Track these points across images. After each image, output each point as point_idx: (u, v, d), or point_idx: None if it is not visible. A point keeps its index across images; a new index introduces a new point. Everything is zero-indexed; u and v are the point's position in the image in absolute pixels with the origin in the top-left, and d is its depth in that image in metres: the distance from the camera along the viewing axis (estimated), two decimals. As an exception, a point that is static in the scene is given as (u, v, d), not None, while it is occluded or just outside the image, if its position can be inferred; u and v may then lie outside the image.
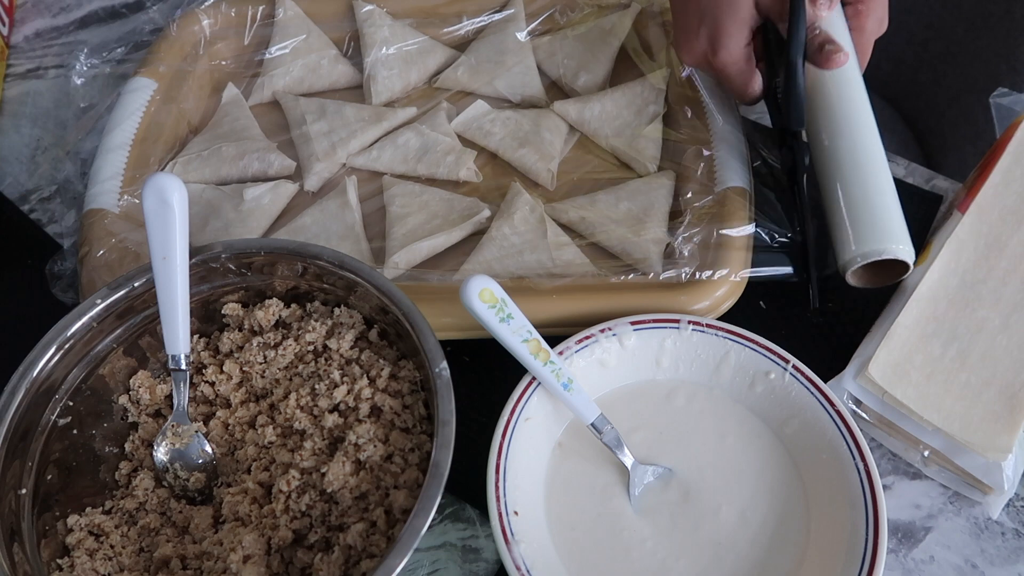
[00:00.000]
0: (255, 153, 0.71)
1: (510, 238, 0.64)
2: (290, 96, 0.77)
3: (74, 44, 0.88)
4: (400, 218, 0.67)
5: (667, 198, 0.67)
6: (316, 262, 0.55)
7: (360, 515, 0.50)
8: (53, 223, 0.73)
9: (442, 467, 0.46)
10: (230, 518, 0.52)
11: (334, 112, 0.74)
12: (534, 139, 0.72)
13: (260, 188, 0.68)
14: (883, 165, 0.60)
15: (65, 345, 0.52)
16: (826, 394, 0.55)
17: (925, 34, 1.02)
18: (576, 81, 0.77)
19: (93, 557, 0.51)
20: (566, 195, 0.70)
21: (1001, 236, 0.62)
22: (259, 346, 0.57)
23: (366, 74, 0.78)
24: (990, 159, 0.66)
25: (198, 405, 0.57)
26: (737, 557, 0.52)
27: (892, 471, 0.58)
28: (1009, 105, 0.68)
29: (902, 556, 0.55)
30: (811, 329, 0.63)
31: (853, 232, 0.58)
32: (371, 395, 0.54)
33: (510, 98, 0.77)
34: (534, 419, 0.54)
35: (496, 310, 0.51)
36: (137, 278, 0.54)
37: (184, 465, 0.54)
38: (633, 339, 0.58)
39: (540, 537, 0.52)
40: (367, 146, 0.73)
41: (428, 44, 0.80)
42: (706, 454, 0.56)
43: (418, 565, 0.55)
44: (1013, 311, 0.59)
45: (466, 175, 0.71)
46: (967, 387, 0.56)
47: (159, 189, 0.51)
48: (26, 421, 0.50)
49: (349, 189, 0.69)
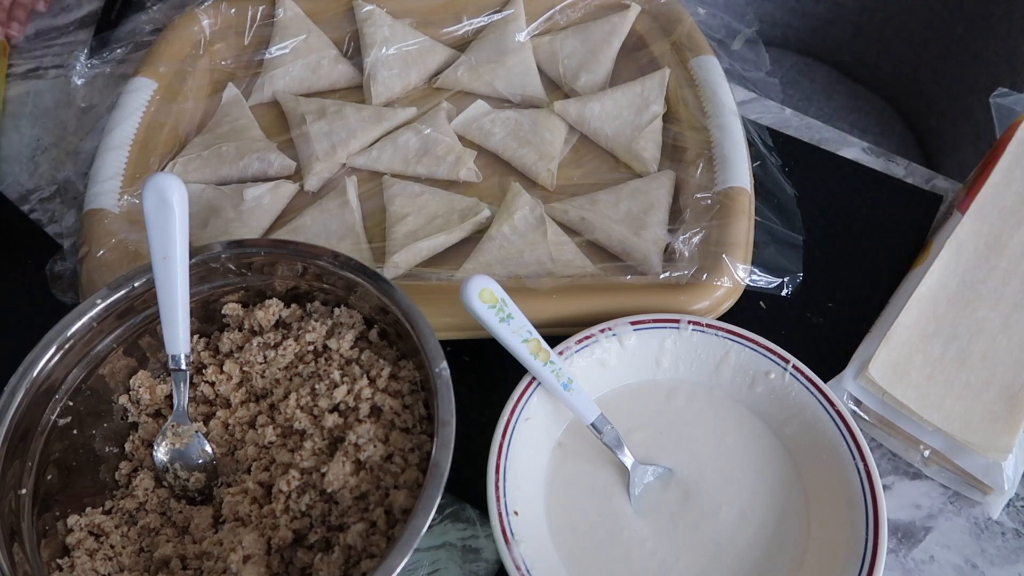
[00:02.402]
0: (255, 153, 0.71)
1: (510, 238, 0.64)
2: (290, 96, 0.77)
3: (74, 44, 0.88)
4: (400, 218, 0.67)
5: (667, 198, 0.67)
6: (316, 262, 0.55)
7: (360, 515, 0.50)
8: (53, 223, 0.73)
9: (442, 467, 0.46)
10: (230, 518, 0.52)
11: (334, 112, 0.74)
12: (534, 139, 0.72)
13: (260, 188, 0.68)
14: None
15: (65, 345, 0.52)
16: (826, 394, 0.55)
17: (925, 34, 1.02)
18: (576, 81, 0.77)
19: (93, 557, 0.51)
20: (566, 195, 0.70)
21: (1001, 236, 0.62)
22: (259, 346, 0.57)
23: (366, 74, 0.78)
24: (990, 159, 0.66)
25: (198, 405, 0.57)
26: (737, 557, 0.52)
27: (892, 471, 0.58)
28: (1009, 105, 0.69)
29: (902, 556, 0.55)
30: (811, 329, 0.63)
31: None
32: (371, 395, 0.54)
33: (510, 98, 0.77)
34: (534, 419, 0.54)
35: (496, 310, 0.51)
36: (137, 278, 0.54)
37: (184, 465, 0.54)
38: (633, 339, 0.58)
39: (540, 537, 0.52)
40: (367, 146, 0.73)
41: (428, 44, 0.80)
42: (706, 454, 0.56)
43: (418, 565, 0.55)
44: (1013, 311, 0.59)
45: (466, 175, 0.71)
46: (967, 387, 0.56)
47: (159, 189, 0.50)
48: (26, 421, 0.50)
49: (349, 189, 0.68)
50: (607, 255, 0.66)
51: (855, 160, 0.73)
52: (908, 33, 1.03)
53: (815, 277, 0.65)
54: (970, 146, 0.99)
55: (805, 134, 0.76)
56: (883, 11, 1.04)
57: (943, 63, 1.01)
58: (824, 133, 0.76)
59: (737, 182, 0.65)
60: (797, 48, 1.12)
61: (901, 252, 0.67)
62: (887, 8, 1.04)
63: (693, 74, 0.73)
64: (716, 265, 0.60)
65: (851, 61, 1.10)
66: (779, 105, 0.78)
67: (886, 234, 0.68)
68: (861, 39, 1.08)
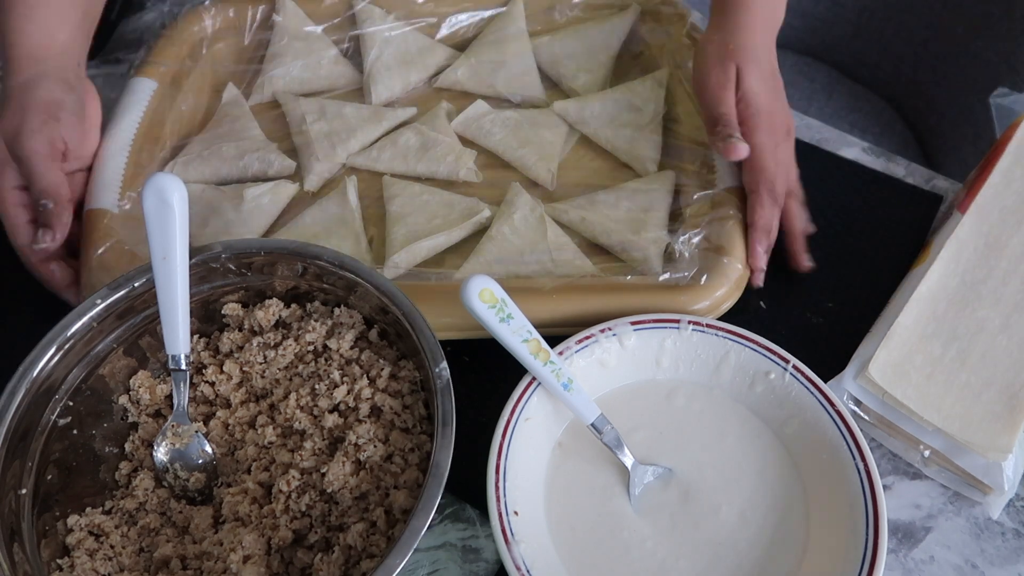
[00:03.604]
0: (255, 153, 0.71)
1: (510, 238, 0.64)
2: (290, 96, 0.77)
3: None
4: (400, 218, 0.67)
5: (667, 198, 0.67)
6: (316, 262, 0.55)
7: (360, 515, 0.50)
8: (53, 223, 0.72)
9: (442, 467, 0.46)
10: (230, 518, 0.52)
11: (334, 112, 0.74)
12: (534, 139, 0.72)
13: (260, 188, 0.68)
14: None
15: (65, 345, 0.52)
16: (826, 394, 0.55)
17: (925, 34, 1.02)
18: (576, 81, 0.77)
19: (93, 557, 0.51)
20: (566, 195, 0.70)
21: (1001, 236, 0.62)
22: (259, 346, 0.57)
23: (366, 74, 0.78)
24: (990, 159, 0.66)
25: (198, 405, 0.57)
26: (737, 557, 0.52)
27: (892, 471, 0.58)
28: (1009, 105, 0.69)
29: (902, 556, 0.55)
30: (811, 329, 0.63)
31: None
32: (371, 395, 0.54)
33: (510, 98, 0.77)
34: (534, 419, 0.54)
35: (496, 310, 0.51)
36: (137, 278, 0.54)
37: (184, 465, 0.54)
38: (633, 339, 0.58)
39: (540, 537, 0.52)
40: (367, 146, 0.73)
41: (428, 44, 0.80)
42: (706, 454, 0.56)
43: (418, 565, 0.55)
44: (1013, 311, 0.59)
45: (466, 175, 0.71)
46: (967, 387, 0.56)
47: (159, 189, 0.50)
48: (26, 421, 0.50)
49: (349, 189, 0.68)
50: (607, 255, 0.66)
51: (855, 160, 0.73)
52: (908, 33, 1.03)
53: (815, 277, 0.65)
54: (970, 146, 0.99)
55: (805, 134, 0.76)
56: (883, 11, 1.04)
57: (943, 63, 1.01)
58: (824, 133, 0.76)
59: (737, 182, 0.65)
60: (797, 48, 1.12)
61: (901, 252, 0.67)
62: (887, 8, 1.04)
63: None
64: (716, 266, 0.61)
65: (851, 61, 1.10)
66: (779, 105, 0.78)
67: (886, 234, 0.68)
68: (861, 39, 1.08)
